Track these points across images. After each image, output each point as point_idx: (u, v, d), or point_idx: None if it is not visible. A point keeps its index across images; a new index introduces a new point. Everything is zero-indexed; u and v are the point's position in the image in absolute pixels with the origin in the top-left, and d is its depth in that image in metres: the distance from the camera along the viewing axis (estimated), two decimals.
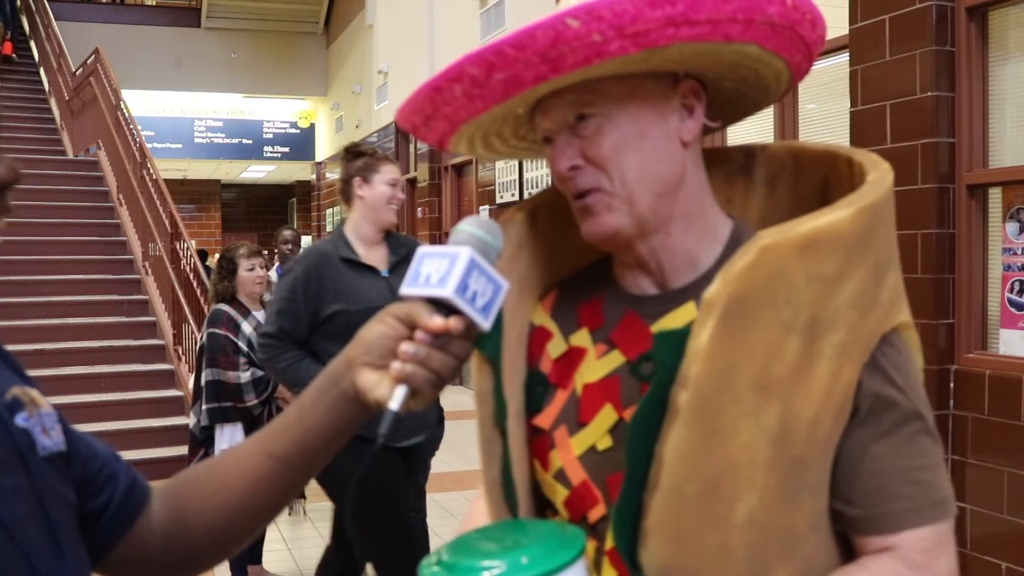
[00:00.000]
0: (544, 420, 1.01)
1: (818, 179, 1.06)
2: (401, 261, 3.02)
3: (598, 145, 0.94)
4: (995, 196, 3.75)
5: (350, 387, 0.85)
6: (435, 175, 10.63)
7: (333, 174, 15.43)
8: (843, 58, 4.37)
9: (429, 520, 3.90)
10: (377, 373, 0.83)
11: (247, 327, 3.98)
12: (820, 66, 4.84)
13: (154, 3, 15.55)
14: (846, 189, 0.98)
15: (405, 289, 0.83)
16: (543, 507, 1.04)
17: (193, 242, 7.59)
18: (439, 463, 4.03)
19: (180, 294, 7.02)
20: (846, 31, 4.22)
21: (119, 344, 7.22)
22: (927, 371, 3.86)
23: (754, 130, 5.27)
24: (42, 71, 12.39)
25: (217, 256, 4.17)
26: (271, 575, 4.30)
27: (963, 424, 3.71)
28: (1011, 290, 3.67)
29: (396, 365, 0.81)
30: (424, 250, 0.85)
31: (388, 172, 3.05)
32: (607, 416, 0.96)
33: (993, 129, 3.76)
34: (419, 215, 11.04)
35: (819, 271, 0.86)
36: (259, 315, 4.07)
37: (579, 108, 0.94)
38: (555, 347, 1.03)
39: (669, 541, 0.86)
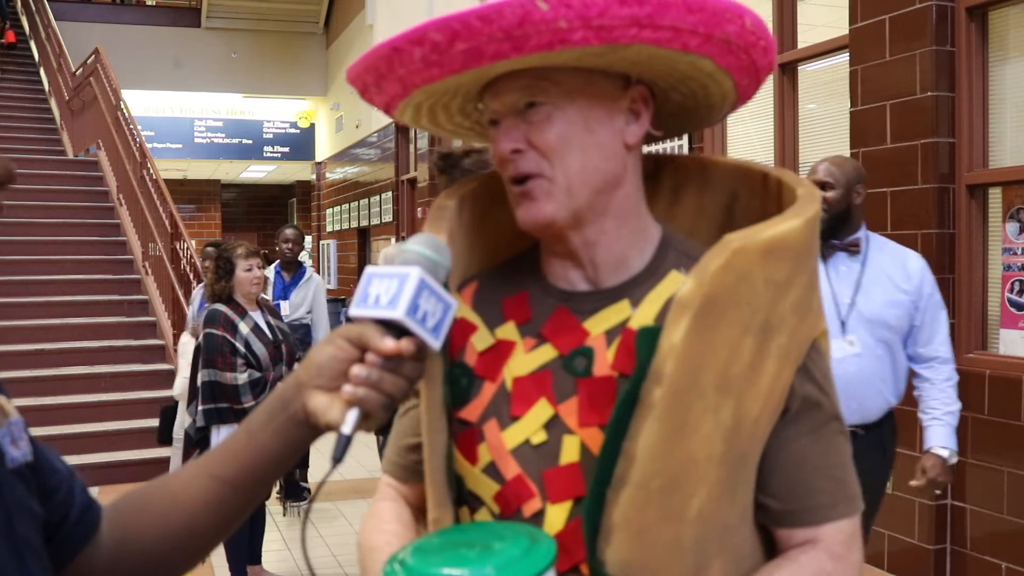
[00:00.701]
0: (471, 413, 1.00)
1: (726, 193, 1.10)
2: None
3: (545, 132, 0.95)
4: (995, 196, 3.75)
5: (300, 410, 0.83)
6: (435, 175, 10.62)
7: (333, 174, 15.43)
8: (843, 58, 4.37)
9: None
10: (328, 396, 0.82)
11: (244, 328, 3.94)
12: (820, 66, 4.85)
13: (154, 3, 15.55)
14: (758, 203, 1.05)
15: (354, 310, 0.83)
16: (463, 501, 1.02)
17: (193, 242, 7.58)
18: None
19: (180, 294, 7.02)
20: (846, 31, 4.22)
21: (119, 344, 7.22)
22: None
23: (754, 131, 5.27)
24: (42, 71, 12.39)
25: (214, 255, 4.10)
26: (271, 575, 4.30)
27: (963, 424, 3.70)
28: (1011, 290, 3.67)
29: (348, 388, 0.80)
30: (372, 270, 0.84)
31: None
32: (542, 410, 0.96)
33: (993, 129, 3.76)
34: (419, 215, 11.04)
35: (774, 276, 0.91)
36: (256, 316, 4.03)
37: (531, 94, 0.95)
38: (480, 340, 1.02)
39: (632, 536, 0.87)
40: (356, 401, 0.80)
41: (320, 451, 5.30)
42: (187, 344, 5.43)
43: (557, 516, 0.93)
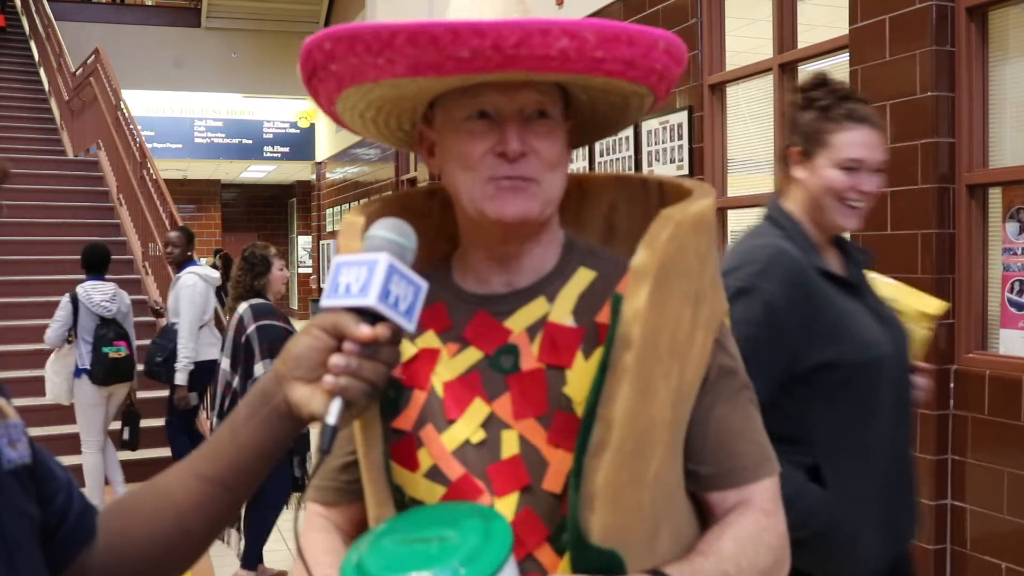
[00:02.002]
0: (404, 422, 1.01)
1: (604, 204, 1.17)
2: (861, 277, 1.88)
3: (551, 146, 1.00)
4: (995, 196, 3.75)
5: (282, 403, 0.83)
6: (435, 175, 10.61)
7: (333, 174, 15.43)
8: (843, 58, 4.37)
9: None
10: (309, 387, 0.83)
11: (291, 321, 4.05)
12: (820, 66, 4.84)
13: (154, 3, 15.55)
14: (638, 209, 1.13)
15: (325, 301, 0.83)
16: (405, 509, 1.02)
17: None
18: None
19: None
20: (846, 31, 4.22)
21: None
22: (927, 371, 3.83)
23: (754, 131, 5.27)
24: (42, 71, 12.39)
25: (243, 254, 4.15)
26: (274, 572, 4.30)
27: (963, 424, 3.71)
28: (1011, 290, 3.68)
29: (329, 379, 0.81)
30: (340, 259, 0.85)
31: (847, 145, 1.76)
32: (478, 410, 0.98)
33: (993, 129, 3.76)
34: None
35: (699, 248, 0.98)
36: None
37: (544, 105, 0.99)
38: (402, 352, 1.03)
39: (610, 501, 0.89)
40: (338, 391, 0.81)
41: None
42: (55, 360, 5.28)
43: (505, 509, 0.95)
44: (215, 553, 4.31)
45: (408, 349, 1.04)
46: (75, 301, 5.18)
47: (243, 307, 4.00)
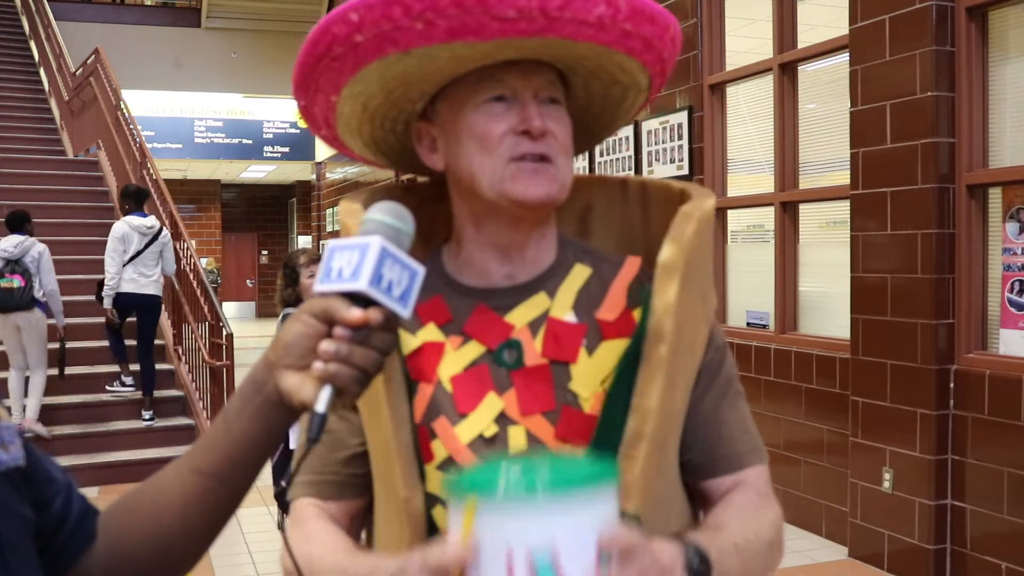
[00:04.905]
0: (413, 414, 1.00)
1: (579, 204, 1.17)
2: None
3: (565, 133, 1.01)
4: (995, 196, 3.75)
5: (273, 391, 0.82)
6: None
7: (333, 174, 15.43)
8: (843, 58, 4.37)
9: None
10: (299, 374, 0.81)
11: None
12: (820, 66, 4.85)
13: (154, 3, 15.55)
14: (616, 210, 1.16)
15: (318, 286, 0.81)
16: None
17: (193, 242, 7.58)
18: None
19: (180, 294, 7.02)
20: (846, 31, 4.22)
21: None
22: (927, 371, 3.85)
23: (754, 131, 5.27)
24: (42, 71, 12.40)
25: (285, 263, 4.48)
26: None
27: (963, 424, 3.71)
28: (1011, 290, 3.68)
29: (318, 365, 0.79)
30: (333, 243, 0.83)
31: None
32: (492, 405, 0.98)
33: (993, 129, 3.77)
34: None
35: (708, 246, 1.02)
36: None
37: (556, 92, 1.01)
38: (404, 345, 1.02)
39: (642, 492, 0.91)
40: (327, 377, 0.79)
41: None
42: None
43: None
44: (216, 553, 4.31)
45: (411, 342, 1.02)
46: None
47: (288, 312, 4.22)
